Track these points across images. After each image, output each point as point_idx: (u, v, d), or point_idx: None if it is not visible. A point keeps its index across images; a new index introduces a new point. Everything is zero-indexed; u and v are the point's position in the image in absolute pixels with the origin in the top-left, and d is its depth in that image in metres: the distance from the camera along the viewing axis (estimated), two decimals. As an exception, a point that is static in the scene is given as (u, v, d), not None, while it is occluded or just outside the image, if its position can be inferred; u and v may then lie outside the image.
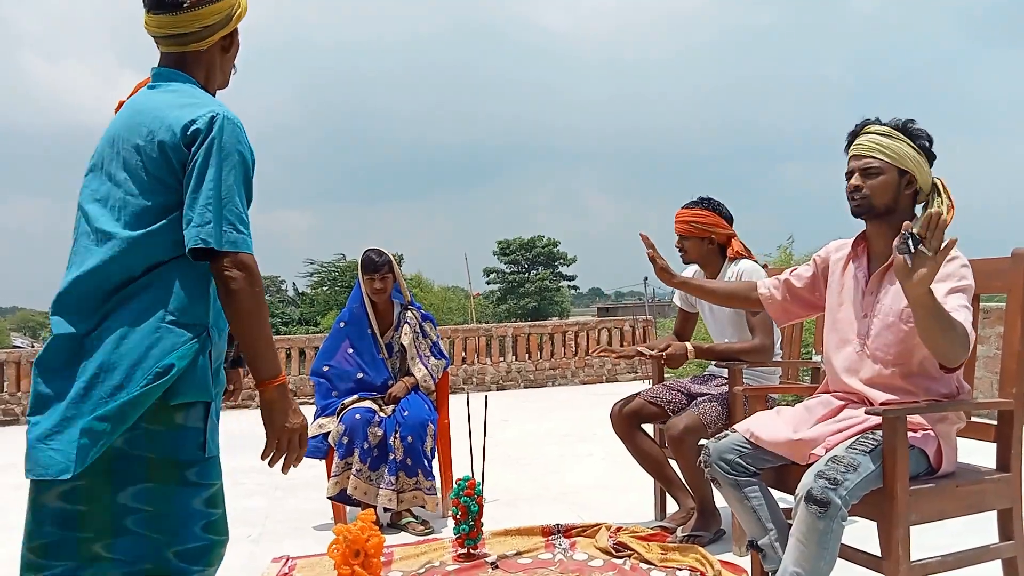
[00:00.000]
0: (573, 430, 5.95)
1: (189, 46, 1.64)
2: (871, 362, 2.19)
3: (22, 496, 1.62)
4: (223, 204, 1.49)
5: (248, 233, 1.53)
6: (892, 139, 2.12)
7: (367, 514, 2.59)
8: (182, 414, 1.52)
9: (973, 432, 2.29)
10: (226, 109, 1.57)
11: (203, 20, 1.62)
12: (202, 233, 1.47)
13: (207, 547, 1.55)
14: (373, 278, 3.61)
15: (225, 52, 1.71)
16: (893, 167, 2.12)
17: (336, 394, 3.64)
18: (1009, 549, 2.17)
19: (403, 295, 3.77)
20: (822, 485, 1.91)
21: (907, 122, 2.14)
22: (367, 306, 3.68)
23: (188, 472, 1.53)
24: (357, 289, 3.72)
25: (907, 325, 2.09)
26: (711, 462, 2.25)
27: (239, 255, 1.50)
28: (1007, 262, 2.21)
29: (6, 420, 7.77)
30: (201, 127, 1.52)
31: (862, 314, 2.22)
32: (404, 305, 3.78)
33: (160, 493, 1.51)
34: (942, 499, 2.08)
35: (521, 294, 47.40)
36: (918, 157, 2.12)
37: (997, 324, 5.17)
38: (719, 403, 3.05)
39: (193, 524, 1.53)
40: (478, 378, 9.02)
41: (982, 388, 5.11)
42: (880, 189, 2.13)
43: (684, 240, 3.26)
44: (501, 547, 3.04)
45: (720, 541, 3.05)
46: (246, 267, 1.50)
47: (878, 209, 2.15)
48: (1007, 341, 2.22)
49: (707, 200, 3.26)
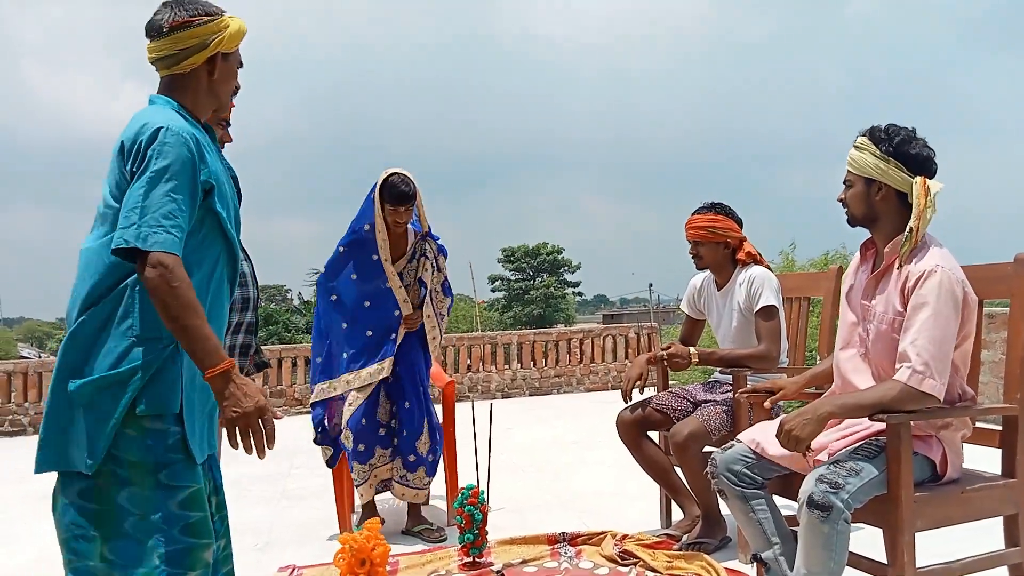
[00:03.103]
0: (578, 438, 5.94)
1: (172, 69, 1.73)
2: (872, 366, 2.20)
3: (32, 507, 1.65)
4: (152, 208, 1.53)
5: (179, 235, 1.55)
6: (860, 150, 2.18)
7: (373, 523, 2.60)
8: (149, 419, 1.59)
9: (978, 438, 2.29)
10: (177, 124, 1.62)
11: (180, 44, 1.71)
12: (124, 235, 1.53)
13: (187, 550, 1.60)
14: (398, 210, 3.30)
15: (211, 76, 1.76)
16: (860, 178, 2.19)
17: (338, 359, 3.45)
18: (1015, 555, 2.17)
19: (421, 223, 3.48)
20: (823, 489, 1.92)
21: (881, 128, 2.17)
22: (378, 232, 3.36)
23: (160, 475, 1.58)
24: (368, 212, 3.39)
25: (897, 335, 2.10)
26: (718, 473, 2.26)
27: (155, 253, 1.51)
28: (1010, 267, 2.21)
29: (13, 431, 7.80)
30: (144, 138, 1.59)
31: (862, 318, 2.24)
32: (423, 235, 3.50)
33: (141, 497, 1.58)
34: (947, 505, 2.08)
35: (526, 301, 47.37)
36: (880, 164, 2.14)
37: (1003, 329, 5.16)
38: (724, 410, 3.05)
39: (171, 527, 1.59)
40: (483, 386, 9.02)
41: (988, 393, 5.09)
42: (853, 200, 2.22)
43: (700, 246, 3.24)
44: (506, 555, 3.04)
45: (726, 548, 3.04)
46: (162, 264, 1.51)
47: (858, 218, 2.23)
48: (1011, 346, 2.22)
49: (720, 205, 3.26)
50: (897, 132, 2.15)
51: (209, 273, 1.70)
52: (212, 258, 1.71)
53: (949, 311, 2.02)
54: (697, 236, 3.23)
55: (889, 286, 2.15)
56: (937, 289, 2.02)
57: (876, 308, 2.18)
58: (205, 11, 1.74)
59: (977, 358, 2.34)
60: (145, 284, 1.53)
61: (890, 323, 2.13)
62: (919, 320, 2.02)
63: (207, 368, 1.54)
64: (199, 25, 1.71)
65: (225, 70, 1.78)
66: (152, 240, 1.52)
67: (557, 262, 49.93)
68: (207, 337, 1.55)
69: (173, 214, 1.55)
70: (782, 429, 2.02)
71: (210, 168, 1.67)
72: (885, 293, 2.15)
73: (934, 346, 1.99)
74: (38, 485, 2.13)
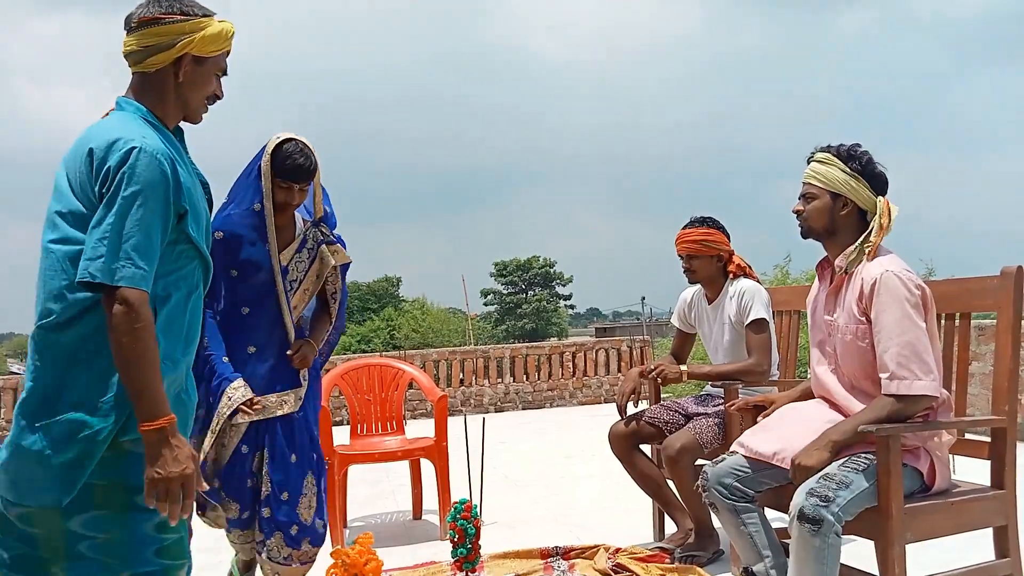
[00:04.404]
0: (571, 451, 5.94)
1: (138, 67, 1.64)
2: (844, 378, 2.25)
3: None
4: (123, 238, 1.46)
5: (147, 268, 1.48)
6: (826, 165, 2.23)
7: (365, 537, 2.59)
8: (129, 442, 1.52)
9: (967, 449, 2.31)
10: (151, 143, 1.54)
11: (145, 40, 1.61)
12: (91, 267, 1.45)
13: (161, 572, 1.56)
14: (292, 188, 2.54)
15: (177, 79, 1.65)
16: (826, 191, 2.23)
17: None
18: (1005, 567, 2.18)
19: (315, 208, 2.70)
20: (813, 503, 1.93)
21: (846, 147, 2.24)
22: (266, 214, 2.55)
23: (137, 497, 1.52)
24: (252, 188, 2.57)
25: (863, 342, 2.15)
26: (709, 487, 2.28)
27: (122, 290, 1.45)
28: (996, 280, 2.24)
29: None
30: (115, 161, 1.50)
31: (827, 333, 2.29)
32: (314, 223, 2.70)
33: (110, 519, 1.52)
34: (937, 517, 2.09)
35: (519, 315, 47.42)
36: (850, 180, 2.20)
37: (992, 341, 5.19)
38: (716, 423, 3.06)
39: (145, 549, 1.54)
40: (476, 400, 9.00)
41: (978, 405, 5.12)
42: (815, 213, 2.25)
43: (693, 260, 3.25)
44: (500, 570, 3.04)
45: (718, 562, 3.05)
46: (128, 303, 1.45)
47: (817, 231, 2.27)
48: (998, 359, 2.24)
49: (711, 219, 3.28)
50: (864, 152, 2.23)
51: (187, 294, 1.64)
52: (189, 279, 1.65)
53: (909, 310, 2.07)
54: (691, 250, 3.24)
55: (846, 297, 2.21)
56: (893, 292, 2.08)
57: (838, 321, 2.23)
58: (181, 10, 1.62)
59: (966, 370, 2.37)
60: (108, 320, 1.46)
61: (853, 333, 2.18)
62: (885, 328, 2.08)
63: (145, 420, 1.46)
64: (168, 23, 1.60)
65: (195, 74, 1.66)
66: (119, 275, 1.45)
67: (549, 275, 50.05)
68: (155, 389, 1.47)
69: (142, 246, 1.48)
70: (794, 465, 2.07)
71: (184, 189, 1.58)
72: (844, 305, 2.22)
73: (908, 349, 2.04)
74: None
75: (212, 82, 1.71)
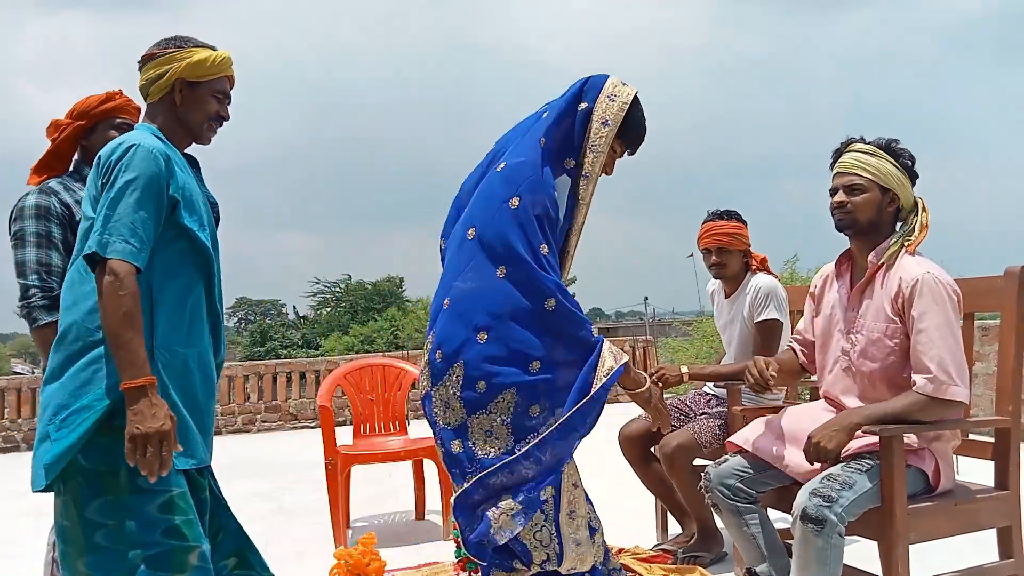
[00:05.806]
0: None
1: (147, 99, 1.85)
2: (859, 378, 2.21)
3: (33, 524, 1.66)
4: (115, 218, 1.61)
5: (139, 246, 1.62)
6: (876, 158, 2.16)
7: (368, 538, 2.60)
8: (123, 428, 1.60)
9: (971, 450, 2.31)
10: (149, 142, 1.70)
11: (147, 73, 1.83)
12: (90, 242, 1.61)
13: (170, 552, 1.62)
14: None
15: (176, 104, 1.83)
16: (876, 184, 2.16)
17: None
18: (1009, 567, 2.17)
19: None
20: (816, 503, 1.93)
21: (891, 141, 2.19)
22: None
23: (139, 479, 1.60)
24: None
25: (892, 341, 2.12)
26: (712, 487, 2.27)
27: (111, 262, 1.59)
28: (1000, 281, 2.23)
29: (6, 447, 7.76)
30: (115, 156, 1.68)
31: (846, 330, 2.25)
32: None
33: (117, 504, 1.61)
34: (941, 517, 2.09)
35: (522, 315, 47.27)
36: (900, 176, 2.16)
37: (995, 341, 5.17)
38: (717, 424, 3.05)
39: (153, 530, 1.62)
40: (479, 400, 9.01)
41: (982, 405, 5.11)
42: (864, 206, 2.16)
43: (725, 254, 3.18)
44: (503, 570, 3.03)
45: (722, 562, 3.04)
46: (115, 273, 1.58)
47: (862, 225, 2.18)
48: (1002, 359, 2.24)
49: (736, 212, 3.23)
50: (905, 148, 2.18)
51: (186, 285, 1.74)
52: (187, 271, 1.75)
53: (952, 316, 2.05)
54: (723, 243, 3.16)
55: (876, 294, 2.16)
56: (936, 296, 2.05)
57: (865, 317, 2.19)
58: (176, 44, 1.83)
59: (970, 370, 2.36)
60: (97, 287, 1.60)
61: (883, 331, 2.14)
62: (928, 329, 2.03)
63: (127, 378, 1.57)
64: (160, 57, 1.81)
65: (190, 98, 1.83)
66: (111, 248, 1.59)
67: (552, 276, 49.87)
68: (136, 350, 1.59)
69: (135, 225, 1.62)
70: (810, 442, 2.03)
71: (179, 183, 1.72)
72: (872, 302, 2.17)
73: (950, 353, 2.02)
74: (37, 501, 2.14)
75: (210, 103, 1.86)
